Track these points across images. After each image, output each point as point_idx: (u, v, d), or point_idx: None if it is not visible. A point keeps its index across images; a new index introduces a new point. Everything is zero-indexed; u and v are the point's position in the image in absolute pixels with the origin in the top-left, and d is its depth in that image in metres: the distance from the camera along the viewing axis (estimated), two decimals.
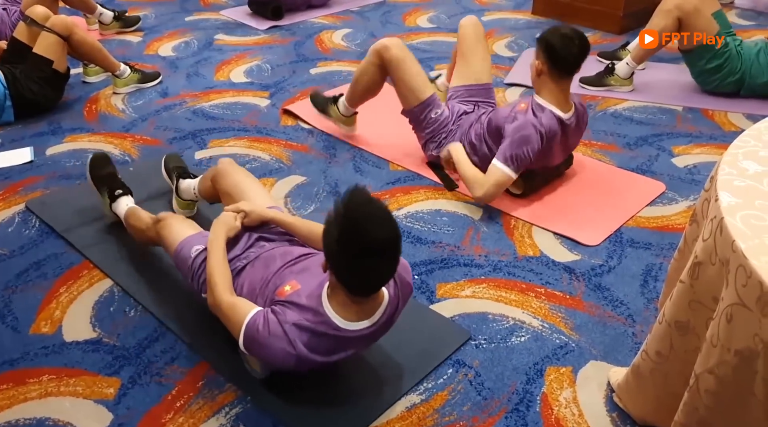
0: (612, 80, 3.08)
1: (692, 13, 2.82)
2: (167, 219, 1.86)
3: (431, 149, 2.47)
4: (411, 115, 2.46)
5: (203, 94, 3.15)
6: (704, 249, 1.17)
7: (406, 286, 1.51)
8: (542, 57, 2.17)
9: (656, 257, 2.06)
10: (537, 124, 2.16)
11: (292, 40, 3.78)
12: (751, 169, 1.24)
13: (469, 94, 2.50)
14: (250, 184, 1.87)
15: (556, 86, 2.20)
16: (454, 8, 4.26)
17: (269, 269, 1.57)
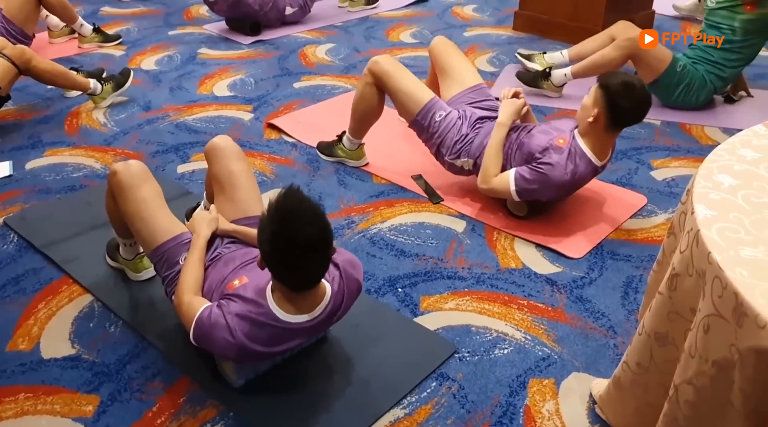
0: (545, 84, 3.19)
1: (645, 51, 2.91)
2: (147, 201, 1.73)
3: (445, 155, 2.35)
4: (416, 125, 2.39)
5: (186, 107, 3.14)
6: (681, 261, 1.18)
7: (352, 281, 1.56)
8: (603, 108, 2.03)
9: (636, 268, 2.08)
10: (571, 172, 2.06)
11: (275, 54, 3.79)
12: (726, 182, 1.27)
13: (469, 98, 2.45)
14: (243, 179, 1.83)
15: (605, 136, 2.11)
16: (437, 24, 4.31)
17: (227, 268, 1.61)
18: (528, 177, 2.11)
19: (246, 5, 3.92)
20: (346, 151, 2.63)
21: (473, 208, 2.38)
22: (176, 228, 1.74)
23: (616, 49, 2.97)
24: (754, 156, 1.36)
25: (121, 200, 1.75)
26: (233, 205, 1.79)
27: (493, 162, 2.19)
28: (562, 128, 2.18)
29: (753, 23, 2.87)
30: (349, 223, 2.31)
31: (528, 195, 2.15)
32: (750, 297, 0.96)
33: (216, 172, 1.85)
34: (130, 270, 2.01)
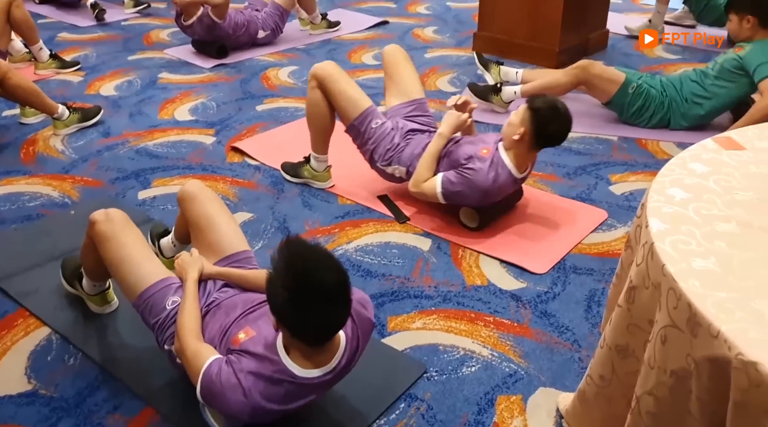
0: (494, 99, 3.27)
1: (596, 75, 3.05)
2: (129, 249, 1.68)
3: (377, 162, 2.47)
4: (353, 130, 2.48)
5: (147, 133, 3.11)
6: (638, 274, 1.21)
7: (365, 322, 1.48)
8: (530, 128, 2.15)
9: (598, 282, 2.12)
10: (492, 179, 2.18)
11: (237, 77, 3.78)
12: (677, 196, 1.31)
13: (405, 111, 2.55)
14: (220, 219, 1.79)
15: (527, 153, 2.23)
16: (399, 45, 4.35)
17: (229, 317, 1.53)
18: (453, 180, 2.22)
19: (221, 29, 3.92)
20: (313, 172, 2.63)
21: (438, 226, 2.40)
22: (161, 272, 1.68)
23: (566, 75, 3.10)
24: (704, 170, 1.41)
25: (103, 250, 1.69)
26: (215, 247, 1.74)
27: (426, 168, 2.30)
28: (487, 141, 2.32)
29: (730, 63, 2.95)
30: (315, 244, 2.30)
31: (452, 198, 2.26)
32: (702, 307, 0.99)
33: (192, 218, 1.80)
34: (92, 303, 1.95)
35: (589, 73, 3.06)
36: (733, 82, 2.96)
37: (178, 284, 1.66)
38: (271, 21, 4.20)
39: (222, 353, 1.44)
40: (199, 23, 3.90)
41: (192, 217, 1.81)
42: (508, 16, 4.04)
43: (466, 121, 2.33)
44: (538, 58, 3.98)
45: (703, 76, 3.04)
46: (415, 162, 2.36)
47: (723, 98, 3.00)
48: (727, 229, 1.19)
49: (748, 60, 2.90)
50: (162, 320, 1.60)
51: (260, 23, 4.15)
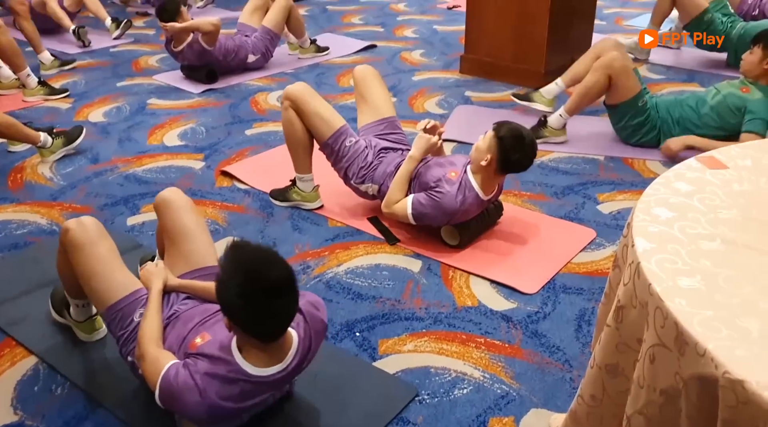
0: (546, 132, 3.23)
1: (621, 72, 3.01)
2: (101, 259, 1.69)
3: (351, 179, 2.52)
4: (327, 148, 2.52)
5: (136, 158, 3.11)
6: (625, 293, 1.22)
7: (317, 322, 1.55)
8: (496, 154, 2.22)
9: (588, 301, 2.13)
10: (459, 202, 2.25)
11: (226, 102, 3.80)
12: (662, 215, 1.32)
13: (377, 129, 2.60)
14: (193, 230, 1.79)
15: (494, 177, 2.31)
16: (386, 68, 4.41)
17: (186, 327, 1.58)
18: (423, 202, 2.29)
19: (211, 54, 3.95)
20: (301, 194, 2.64)
21: (429, 247, 2.41)
22: (132, 285, 1.69)
23: (594, 72, 3.05)
24: (688, 189, 1.42)
25: (74, 259, 1.69)
26: (185, 258, 1.76)
27: (398, 190, 2.37)
28: (456, 163, 2.38)
29: (732, 100, 2.94)
30: (304, 268, 2.30)
31: (422, 219, 2.33)
32: (689, 326, 0.99)
33: (166, 225, 1.82)
34: (80, 331, 1.94)
35: (613, 67, 3.00)
36: (728, 119, 2.97)
37: (147, 296, 1.67)
38: (262, 45, 4.24)
39: (180, 359, 1.48)
40: (189, 49, 3.93)
41: (165, 224, 1.82)
42: (494, 39, 4.10)
43: (436, 143, 2.40)
44: (524, 80, 4.04)
45: (700, 103, 3.04)
46: (388, 180, 2.44)
47: (714, 130, 3.00)
48: (711, 247, 1.20)
49: (752, 106, 2.91)
50: (128, 333, 1.62)
51: (250, 48, 4.19)
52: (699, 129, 3.04)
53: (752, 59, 2.96)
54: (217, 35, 3.91)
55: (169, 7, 3.90)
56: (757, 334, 0.97)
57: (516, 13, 3.93)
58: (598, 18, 5.00)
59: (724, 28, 4.17)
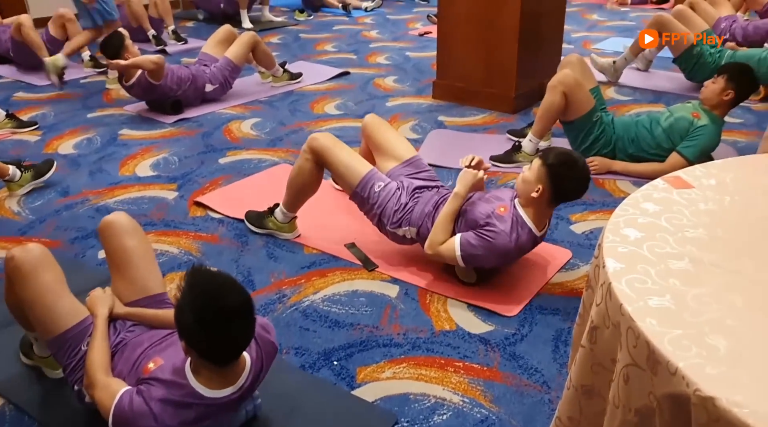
0: (520, 157, 3.27)
1: (574, 87, 3.09)
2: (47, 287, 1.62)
3: (387, 225, 2.36)
4: (356, 197, 2.41)
5: (107, 190, 3.07)
6: (598, 313, 1.23)
7: (268, 344, 1.57)
8: (547, 185, 2.07)
9: (564, 321, 2.14)
10: (513, 241, 2.10)
11: (199, 131, 3.79)
12: (632, 236, 1.34)
13: (406, 171, 2.49)
14: (138, 256, 1.75)
15: (546, 210, 2.17)
16: (360, 95, 4.45)
17: (136, 352, 1.57)
18: (473, 243, 2.13)
19: (161, 88, 3.92)
20: (278, 224, 2.62)
21: (406, 271, 2.41)
22: (80, 313, 1.65)
23: (550, 91, 3.12)
24: (656, 209, 1.45)
25: (20, 287, 1.64)
26: (130, 286, 1.73)
27: (443, 230, 2.21)
28: (503, 197, 2.23)
29: (682, 125, 3.02)
30: (280, 297, 2.28)
31: (472, 261, 2.18)
32: (660, 345, 1.01)
33: (110, 251, 1.78)
34: (47, 368, 1.89)
35: (566, 83, 3.07)
36: (677, 141, 3.04)
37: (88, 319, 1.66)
38: (220, 75, 4.22)
39: (132, 385, 1.47)
40: (138, 85, 3.90)
41: (109, 250, 1.78)
42: (465, 65, 4.17)
43: (482, 179, 2.26)
44: (495, 104, 4.11)
45: (654, 124, 3.12)
46: (426, 221, 2.29)
47: (665, 152, 3.08)
48: (680, 266, 1.22)
49: (695, 132, 2.99)
50: (76, 362, 1.61)
51: (208, 77, 4.16)
52: (652, 149, 3.12)
53: (714, 88, 3.04)
54: (161, 71, 3.86)
55: (112, 43, 3.86)
56: (725, 351, 0.99)
57: (485, 39, 4.01)
58: (566, 42, 5.13)
59: (712, 60, 4.27)
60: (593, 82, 3.25)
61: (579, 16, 7.06)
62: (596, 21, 6.89)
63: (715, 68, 4.24)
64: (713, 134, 3.01)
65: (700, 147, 2.99)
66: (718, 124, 3.04)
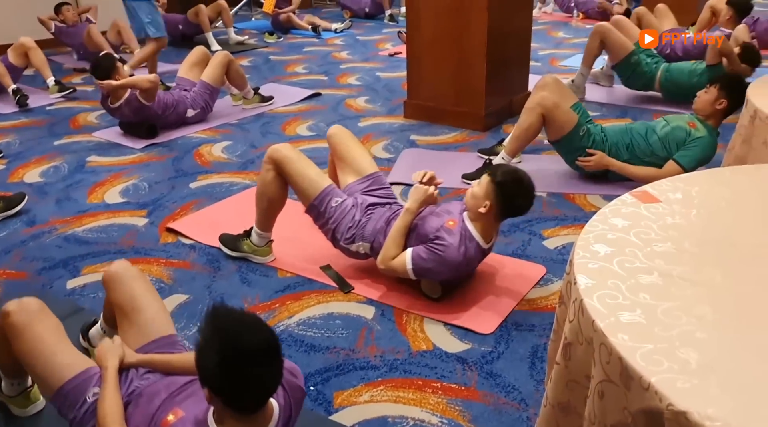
0: None
1: (553, 109, 3.13)
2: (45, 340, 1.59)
3: (340, 240, 2.41)
4: (313, 210, 2.43)
5: (75, 218, 3.01)
6: (571, 330, 1.24)
7: (297, 390, 1.47)
8: (495, 201, 2.14)
9: (540, 337, 2.15)
10: (462, 254, 2.16)
11: (170, 156, 3.75)
12: (602, 251, 1.35)
13: (362, 187, 2.52)
14: (145, 301, 1.73)
15: (494, 224, 2.24)
16: (332, 116, 4.46)
17: (153, 403, 1.47)
18: (424, 256, 2.19)
19: (150, 109, 3.91)
20: (253, 247, 2.59)
21: (382, 292, 2.39)
22: (81, 363, 1.59)
23: (527, 113, 3.15)
24: (624, 224, 1.47)
25: (16, 342, 1.59)
26: (140, 330, 1.68)
27: (395, 245, 2.26)
28: (452, 211, 2.29)
29: (679, 134, 3.07)
30: None
31: (423, 274, 2.23)
32: (632, 360, 1.01)
33: (117, 300, 1.74)
34: (14, 406, 1.82)
35: (545, 106, 3.11)
36: (674, 150, 3.08)
37: (99, 374, 1.58)
38: (201, 99, 4.22)
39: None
40: (127, 105, 3.88)
41: (117, 299, 1.74)
42: (435, 84, 4.21)
43: (433, 195, 2.28)
44: (466, 122, 4.15)
45: (649, 132, 3.15)
46: (379, 237, 2.34)
47: (661, 160, 3.11)
48: (649, 280, 1.23)
49: (692, 142, 3.04)
50: (81, 415, 1.52)
51: (189, 102, 4.17)
52: (647, 156, 3.15)
53: (707, 98, 3.08)
54: (155, 91, 3.88)
55: (104, 64, 3.86)
56: (696, 365, 1.00)
57: (454, 59, 4.06)
58: (534, 60, 5.22)
59: (649, 70, 4.45)
60: (573, 99, 3.30)
61: (545, 34, 7.21)
62: (562, 38, 7.04)
63: (651, 77, 4.44)
64: (709, 146, 3.07)
65: (696, 157, 3.04)
66: (713, 136, 3.10)
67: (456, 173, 3.37)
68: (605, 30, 4.47)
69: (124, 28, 5.83)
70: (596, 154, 3.16)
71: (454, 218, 2.23)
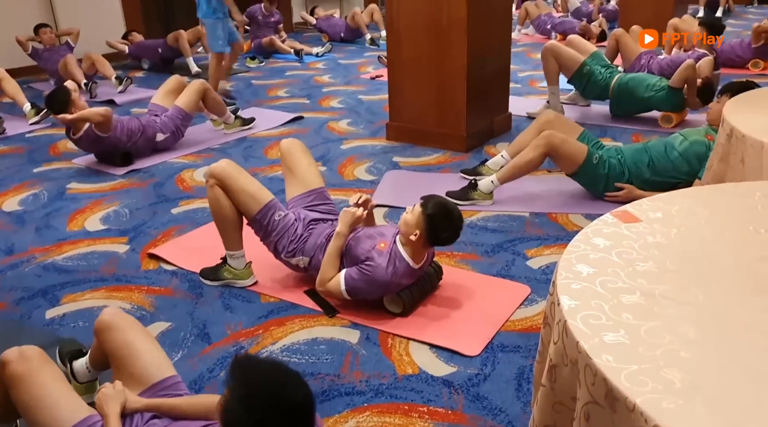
0: (476, 195, 3.31)
1: (560, 145, 3.15)
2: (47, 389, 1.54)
3: (281, 253, 2.49)
4: (255, 224, 2.49)
5: (55, 247, 2.97)
6: (556, 352, 1.23)
7: None
8: (424, 230, 2.25)
9: (525, 358, 2.14)
10: (390, 274, 2.26)
11: (151, 181, 3.73)
12: (584, 272, 1.35)
13: (306, 201, 2.60)
14: (141, 345, 1.68)
15: (423, 249, 2.34)
16: (315, 138, 4.47)
17: None
18: (355, 277, 2.30)
19: (110, 139, 3.86)
20: (233, 272, 2.57)
21: (367, 315, 2.38)
22: (82, 411, 1.54)
23: (533, 149, 3.16)
24: (606, 243, 1.48)
25: (15, 392, 1.55)
26: (138, 376, 1.63)
27: (330, 267, 2.36)
28: (385, 234, 2.39)
29: (699, 148, 3.09)
30: (238, 349, 2.22)
31: (356, 293, 2.33)
32: (617, 382, 1.01)
33: (111, 349, 1.70)
34: None
35: (552, 143, 3.13)
36: (695, 165, 3.11)
37: (101, 422, 1.53)
38: (171, 124, 4.19)
39: None
40: (87, 137, 3.85)
41: (111, 348, 1.70)
42: (416, 106, 4.24)
43: (361, 216, 2.40)
44: (448, 144, 4.18)
45: (669, 148, 3.18)
46: (318, 252, 2.43)
47: (685, 176, 3.13)
48: (632, 300, 1.24)
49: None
50: None
51: (158, 127, 4.13)
52: (669, 172, 3.16)
53: (718, 108, 3.08)
54: (108, 123, 3.82)
55: (59, 98, 3.82)
56: (680, 384, 1.00)
57: (435, 81, 4.10)
58: (513, 81, 5.29)
59: (603, 78, 4.57)
60: (578, 129, 3.34)
61: (525, 56, 7.32)
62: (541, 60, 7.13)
63: (605, 86, 4.54)
64: None
65: None
66: None
67: (440, 193, 3.37)
68: (553, 47, 4.62)
69: (98, 59, 5.84)
70: (625, 189, 3.17)
71: (386, 241, 2.34)
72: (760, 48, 5.91)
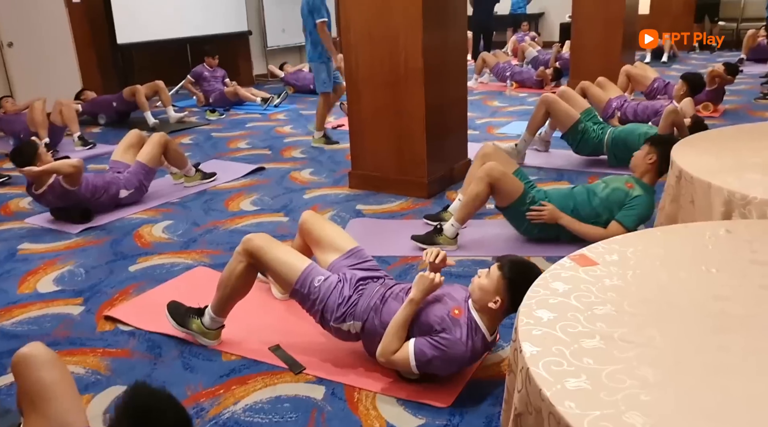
0: (441, 239, 3.32)
1: (500, 177, 3.22)
2: None
3: (330, 321, 2.25)
4: (296, 294, 2.30)
5: (4, 311, 2.84)
6: (520, 400, 1.22)
7: None
8: (506, 297, 2.03)
9: (494, 406, 2.11)
10: (469, 349, 2.06)
11: (107, 239, 3.64)
12: (545, 317, 1.36)
13: (348, 262, 2.42)
14: (60, 389, 1.58)
15: (500, 318, 2.14)
16: (276, 189, 4.45)
17: None
18: (427, 352, 2.07)
19: (76, 194, 3.80)
20: (202, 329, 2.49)
21: (332, 369, 2.32)
22: None
23: (477, 183, 3.22)
24: (565, 288, 1.49)
25: None
26: (48, 423, 1.55)
27: (396, 337, 2.11)
28: (456, 297, 2.18)
29: (618, 196, 3.20)
30: (198, 411, 2.13)
31: (426, 368, 2.11)
32: None
33: (25, 387, 1.59)
34: None
35: (493, 175, 3.19)
36: (614, 211, 3.20)
37: None
38: (135, 180, 4.14)
39: None
40: (51, 192, 3.76)
41: (25, 386, 1.59)
42: (377, 154, 4.29)
43: (440, 284, 2.13)
44: (410, 190, 4.21)
45: (591, 195, 3.28)
46: (372, 315, 2.20)
47: (603, 220, 3.22)
48: (592, 344, 1.24)
49: (632, 202, 3.17)
50: None
51: (122, 183, 4.07)
52: (591, 218, 3.25)
53: (639, 154, 3.29)
54: (79, 176, 3.78)
55: (25, 151, 3.78)
56: None
57: (395, 130, 4.16)
58: (471, 128, 5.41)
59: (596, 136, 4.69)
60: (514, 165, 3.42)
61: (481, 103, 7.52)
62: (497, 107, 7.34)
63: (599, 142, 4.68)
64: (647, 204, 3.20)
65: (637, 216, 3.17)
66: (650, 194, 3.23)
67: (404, 241, 3.39)
68: (551, 100, 4.72)
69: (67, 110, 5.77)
70: (548, 207, 3.25)
71: (459, 306, 2.12)
72: (713, 91, 6.19)
